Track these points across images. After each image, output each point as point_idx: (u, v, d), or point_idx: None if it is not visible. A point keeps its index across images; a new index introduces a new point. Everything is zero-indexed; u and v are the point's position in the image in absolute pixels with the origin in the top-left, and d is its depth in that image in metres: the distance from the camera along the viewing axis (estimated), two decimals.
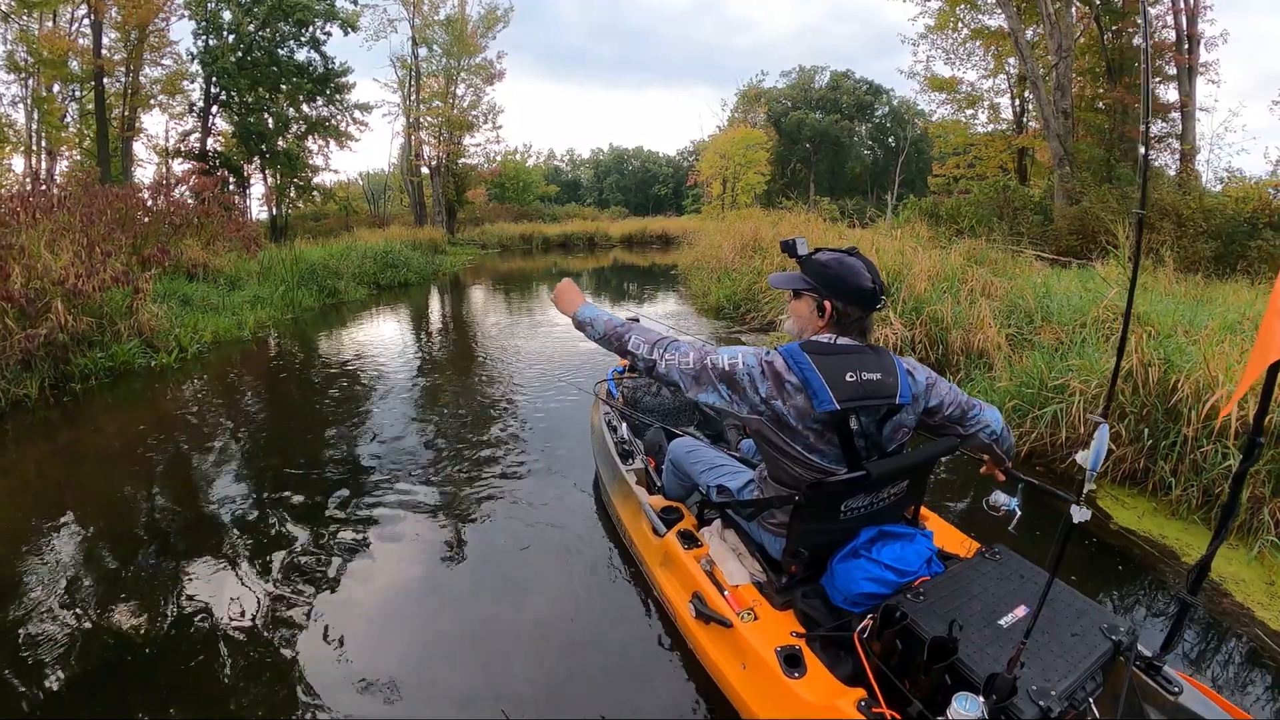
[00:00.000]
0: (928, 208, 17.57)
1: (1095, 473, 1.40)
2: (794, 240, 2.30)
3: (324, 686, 2.56)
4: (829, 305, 2.18)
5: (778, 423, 2.13)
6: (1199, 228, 10.87)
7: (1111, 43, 17.64)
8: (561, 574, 3.33)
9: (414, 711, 2.47)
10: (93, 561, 3.45)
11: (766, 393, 2.11)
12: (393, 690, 2.53)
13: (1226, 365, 3.96)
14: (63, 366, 6.49)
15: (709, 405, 2.22)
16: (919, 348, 6.09)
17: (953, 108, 24.77)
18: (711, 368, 2.17)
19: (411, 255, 17.99)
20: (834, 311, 2.18)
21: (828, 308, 2.18)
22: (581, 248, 32.00)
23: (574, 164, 69.46)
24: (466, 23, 28.86)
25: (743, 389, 2.14)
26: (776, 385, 2.10)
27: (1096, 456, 1.40)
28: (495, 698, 2.52)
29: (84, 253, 7.49)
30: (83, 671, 2.61)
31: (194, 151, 23.82)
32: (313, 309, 12.02)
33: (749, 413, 2.16)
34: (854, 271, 2.16)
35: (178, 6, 22.36)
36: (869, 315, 2.22)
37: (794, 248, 2.29)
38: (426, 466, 4.69)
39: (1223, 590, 3.13)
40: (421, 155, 30.05)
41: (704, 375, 2.18)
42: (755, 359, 2.16)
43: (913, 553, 2.16)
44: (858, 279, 2.15)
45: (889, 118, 52.56)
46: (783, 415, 2.11)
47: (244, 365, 8.11)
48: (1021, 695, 1.60)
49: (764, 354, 2.16)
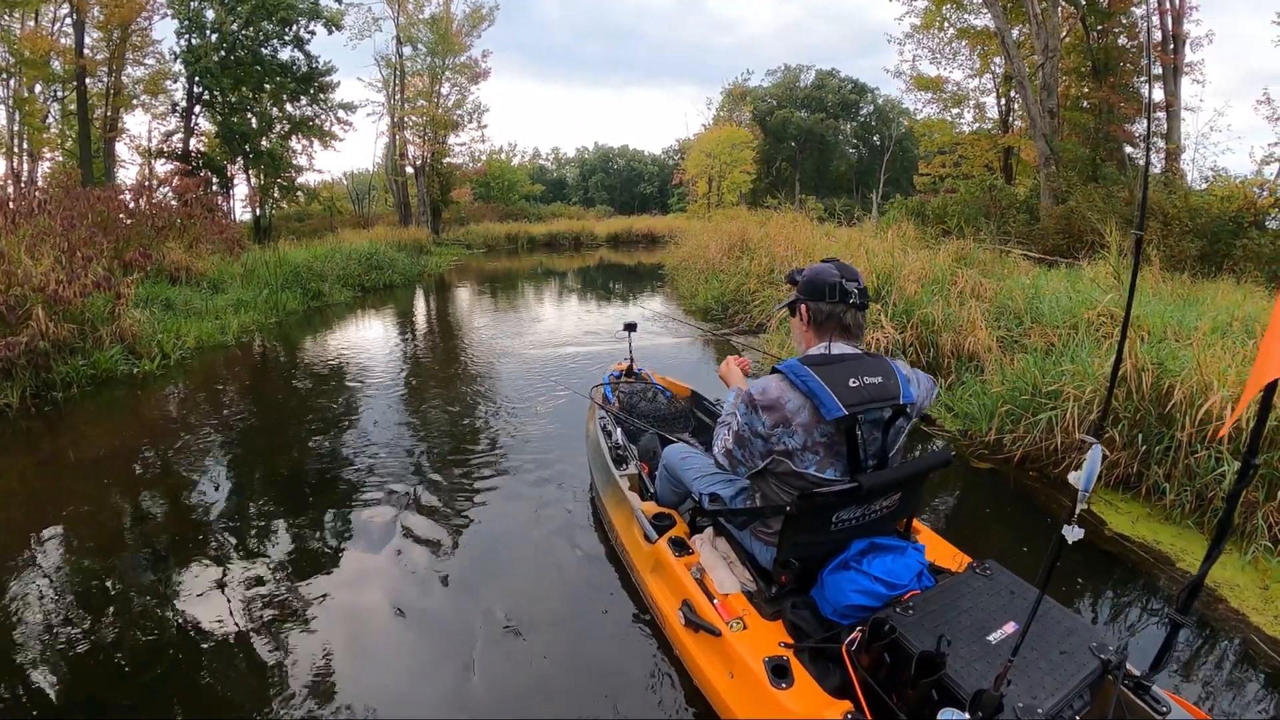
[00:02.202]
0: (914, 207, 17.61)
1: (1087, 493, 1.40)
2: (794, 271, 2.47)
3: (311, 692, 2.55)
4: (804, 308, 2.32)
5: (788, 456, 2.17)
6: (1184, 227, 10.93)
7: (1097, 42, 17.73)
8: (552, 578, 3.32)
9: (404, 715, 2.47)
10: (77, 574, 3.40)
11: (768, 426, 2.17)
12: (381, 694, 2.53)
13: (1219, 370, 3.97)
14: (44, 375, 6.39)
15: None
16: (910, 351, 6.10)
17: (939, 107, 24.84)
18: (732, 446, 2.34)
19: (397, 256, 17.89)
20: (809, 312, 2.32)
21: (804, 311, 2.32)
22: (567, 247, 31.97)
23: (559, 163, 69.19)
24: (451, 21, 28.69)
25: (748, 439, 2.25)
26: (772, 411, 2.15)
27: (1089, 477, 1.40)
28: (482, 701, 2.53)
29: (65, 258, 7.40)
30: (68, 681, 2.58)
31: (177, 152, 23.61)
32: (297, 312, 11.92)
33: (762, 459, 2.24)
34: (822, 272, 2.32)
35: (160, 5, 22.15)
36: (843, 310, 2.28)
37: (794, 277, 2.45)
38: (415, 472, 4.66)
39: (1217, 596, 3.14)
40: (406, 155, 29.84)
41: (730, 457, 2.36)
42: (740, 402, 2.27)
43: (903, 566, 2.16)
44: (823, 277, 2.30)
45: (874, 116, 52.68)
46: (789, 446, 2.16)
47: (228, 371, 8.03)
48: (1008, 712, 1.60)
49: (745, 391, 2.26)
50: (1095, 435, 1.44)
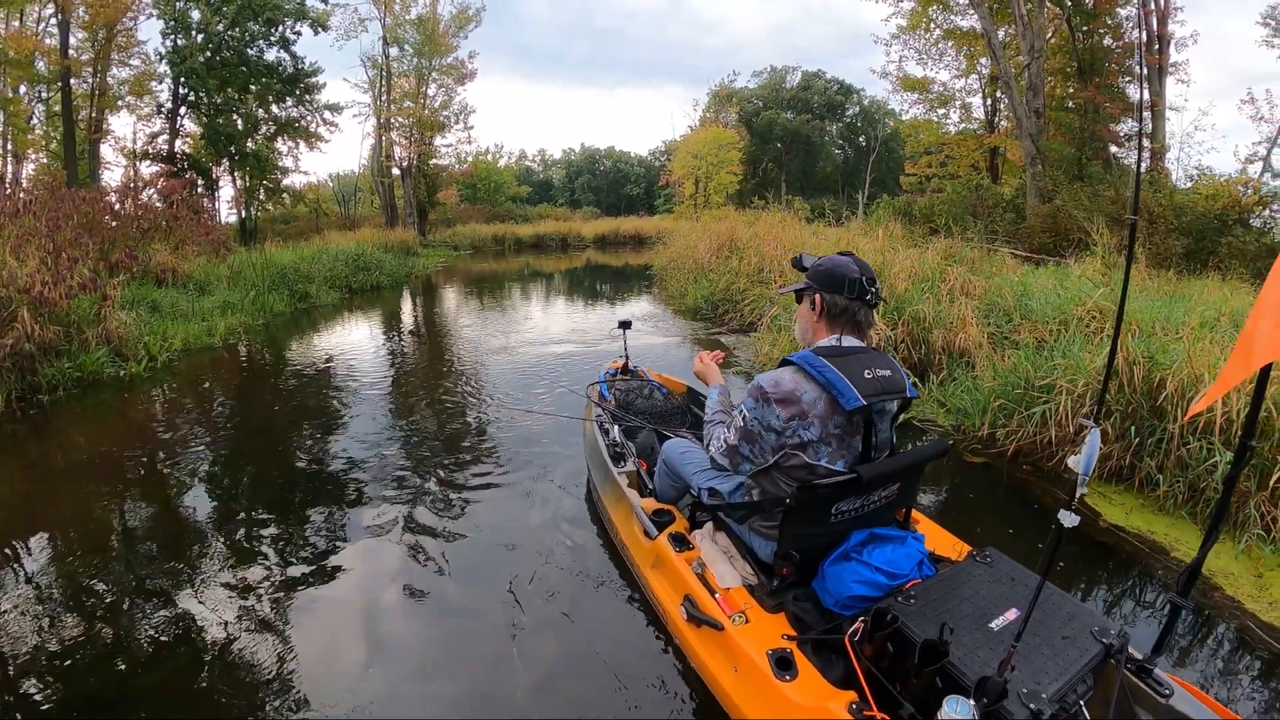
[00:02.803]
0: (901, 206, 17.69)
1: (1087, 477, 1.41)
2: (801, 255, 2.48)
3: (310, 693, 2.53)
4: (819, 298, 2.29)
5: (802, 448, 2.17)
6: (1170, 225, 11.04)
7: (1082, 43, 17.87)
8: (551, 577, 3.31)
9: (406, 714, 2.46)
10: (63, 577, 3.36)
11: (783, 420, 2.17)
12: (380, 694, 2.51)
13: (1210, 363, 4.03)
14: (29, 378, 6.32)
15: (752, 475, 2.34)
16: (902, 347, 6.13)
17: (925, 107, 24.96)
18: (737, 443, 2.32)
19: (384, 258, 17.84)
20: (823, 303, 2.28)
21: (818, 301, 2.29)
22: (554, 248, 31.95)
23: (545, 164, 68.99)
24: (438, 22, 28.62)
25: (758, 434, 2.24)
26: (787, 404, 2.15)
27: (1088, 461, 1.41)
28: (485, 700, 2.52)
29: (50, 259, 7.31)
30: (56, 685, 2.55)
31: (162, 153, 23.39)
32: (284, 314, 11.84)
33: (773, 454, 2.23)
34: (840, 265, 2.29)
35: (146, 5, 21.94)
36: (859, 307, 2.28)
37: (801, 261, 2.46)
38: (409, 472, 4.64)
39: (1213, 584, 3.19)
40: (392, 156, 29.70)
41: (735, 454, 2.34)
42: (750, 397, 2.25)
43: (904, 555, 2.17)
44: (843, 270, 2.27)
45: (859, 117, 52.91)
46: (805, 439, 2.16)
47: (215, 373, 7.96)
48: (1012, 698, 1.60)
49: (755, 384, 2.24)
50: (1093, 419, 1.44)
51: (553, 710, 2.49)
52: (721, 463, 2.40)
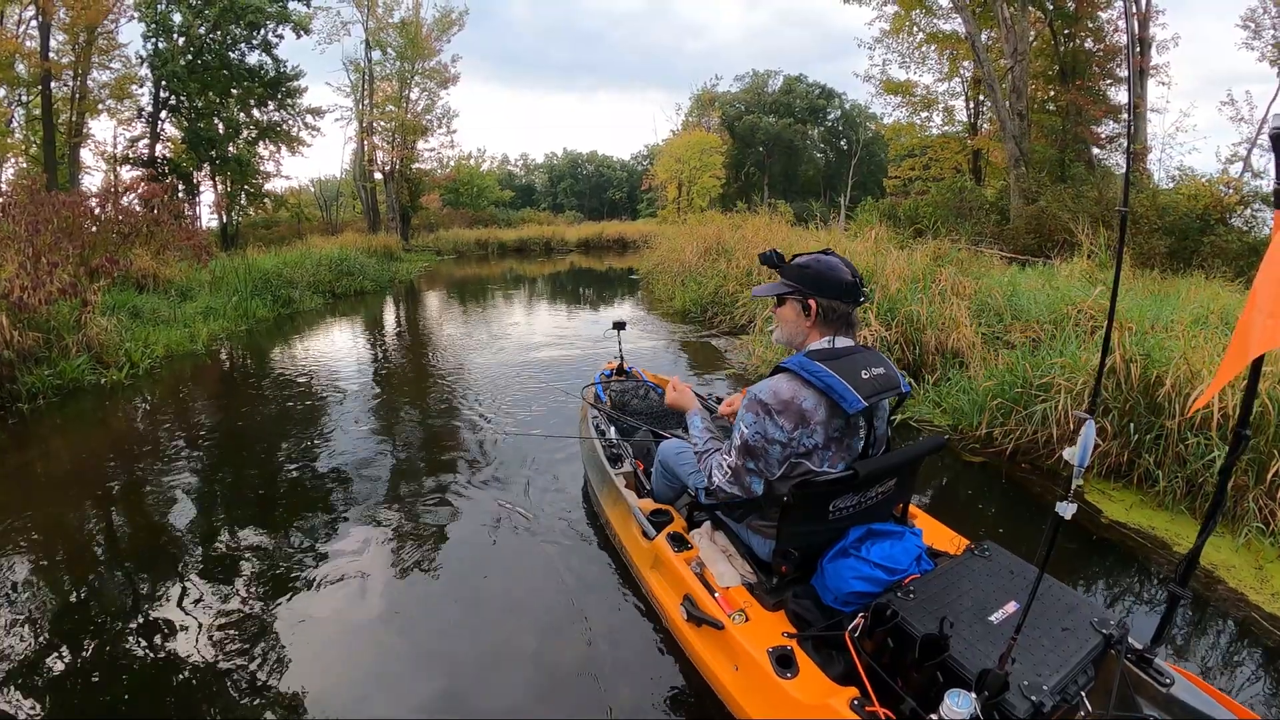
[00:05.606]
0: (885, 209, 17.81)
1: (1083, 468, 1.42)
2: (772, 251, 2.38)
3: (308, 694, 2.52)
4: (814, 304, 2.21)
5: (807, 456, 2.15)
6: (1153, 225, 11.16)
7: (1065, 46, 18.06)
8: (551, 578, 3.30)
9: (406, 714, 2.45)
10: (43, 590, 3.30)
11: (788, 431, 2.13)
12: (379, 694, 2.51)
13: (1205, 359, 4.07)
14: (8, 385, 6.22)
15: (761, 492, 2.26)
16: (895, 348, 6.16)
17: (908, 110, 25.13)
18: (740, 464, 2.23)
19: (366, 262, 17.77)
20: (819, 309, 2.21)
21: (813, 306, 2.22)
22: (538, 253, 31.98)
23: (528, 168, 68.66)
24: (421, 26, 28.56)
25: (761, 449, 2.17)
26: (788, 414, 2.12)
27: (1084, 452, 1.41)
28: (486, 701, 2.51)
29: (30, 263, 7.20)
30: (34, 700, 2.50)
31: (143, 158, 23.11)
32: (267, 320, 11.76)
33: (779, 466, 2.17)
34: (833, 268, 2.23)
35: (127, 8, 21.69)
36: (853, 309, 2.26)
37: (774, 258, 2.37)
38: (396, 477, 4.61)
39: (1215, 578, 3.23)
40: (375, 160, 29.59)
41: (740, 475, 2.23)
42: (748, 411, 2.18)
43: (902, 551, 2.17)
44: (837, 274, 2.22)
45: (841, 121, 53.19)
46: (808, 446, 2.14)
47: (197, 380, 7.88)
48: (1013, 690, 1.61)
49: (751, 397, 2.19)
50: (1088, 412, 1.45)
51: (553, 711, 2.48)
52: (731, 490, 2.27)
